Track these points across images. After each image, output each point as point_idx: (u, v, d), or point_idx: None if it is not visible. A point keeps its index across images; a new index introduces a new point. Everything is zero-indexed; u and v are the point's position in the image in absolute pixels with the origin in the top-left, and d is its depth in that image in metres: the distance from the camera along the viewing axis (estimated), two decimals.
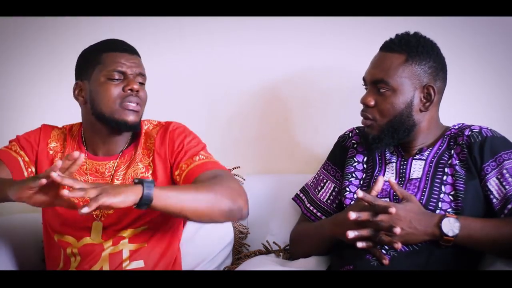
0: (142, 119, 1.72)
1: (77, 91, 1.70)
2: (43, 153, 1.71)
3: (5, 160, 1.67)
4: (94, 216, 1.63)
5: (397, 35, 1.65)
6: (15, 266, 1.77)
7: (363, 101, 1.63)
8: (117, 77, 1.63)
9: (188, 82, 2.15)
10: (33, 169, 1.70)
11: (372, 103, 1.61)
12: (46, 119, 1.83)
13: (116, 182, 1.65)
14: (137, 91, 1.63)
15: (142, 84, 1.68)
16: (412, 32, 1.65)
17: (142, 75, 1.68)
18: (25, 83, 2.25)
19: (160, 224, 1.67)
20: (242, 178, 1.92)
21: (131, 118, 1.63)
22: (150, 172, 1.67)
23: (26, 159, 1.69)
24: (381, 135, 1.61)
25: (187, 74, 2.14)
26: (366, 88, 1.66)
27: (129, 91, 1.62)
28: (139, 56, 1.71)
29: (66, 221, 1.65)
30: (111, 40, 1.71)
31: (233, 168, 1.94)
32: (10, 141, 1.73)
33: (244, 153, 2.10)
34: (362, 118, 1.65)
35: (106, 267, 1.60)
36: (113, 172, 1.67)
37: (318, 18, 2.01)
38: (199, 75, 2.14)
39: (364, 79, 1.66)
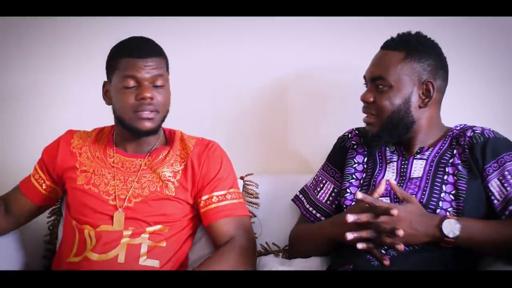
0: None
1: (104, 90, 1.73)
2: (65, 154, 1.75)
3: (23, 190, 1.79)
4: (117, 206, 1.66)
5: (398, 34, 1.65)
6: (15, 266, 1.77)
7: (363, 98, 1.64)
8: (131, 84, 1.63)
9: (188, 82, 2.14)
10: (49, 176, 1.77)
11: (371, 99, 1.62)
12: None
13: (143, 179, 1.69)
14: (151, 98, 1.62)
15: (159, 87, 1.65)
16: (414, 32, 1.65)
17: (160, 75, 1.65)
18: (24, 83, 2.25)
19: (179, 226, 1.69)
20: (256, 184, 1.92)
21: (146, 125, 1.65)
22: (177, 178, 1.69)
23: (43, 175, 1.77)
24: (380, 132, 1.62)
25: (187, 74, 2.13)
26: (366, 87, 1.66)
27: (141, 100, 1.62)
28: (157, 55, 1.67)
29: (87, 205, 1.68)
30: (128, 42, 1.69)
31: (246, 175, 1.93)
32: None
33: (244, 153, 2.09)
34: (364, 116, 1.65)
35: (122, 256, 1.61)
36: (140, 170, 1.70)
37: (318, 18, 2.00)
38: (198, 76, 2.13)
39: (364, 77, 1.67)
